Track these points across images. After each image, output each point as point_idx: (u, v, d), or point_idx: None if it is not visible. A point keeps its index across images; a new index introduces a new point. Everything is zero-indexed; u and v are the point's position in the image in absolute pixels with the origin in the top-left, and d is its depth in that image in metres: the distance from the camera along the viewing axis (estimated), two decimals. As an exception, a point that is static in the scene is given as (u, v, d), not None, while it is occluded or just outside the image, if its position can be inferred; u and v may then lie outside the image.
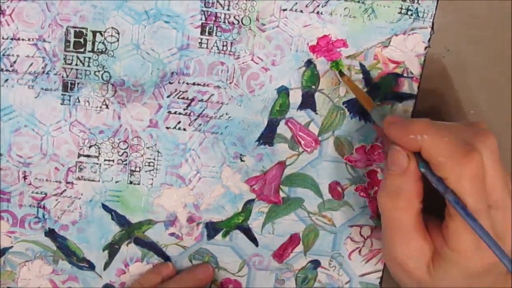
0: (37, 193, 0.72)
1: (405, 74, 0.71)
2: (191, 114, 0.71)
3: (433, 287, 0.63)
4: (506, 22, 0.72)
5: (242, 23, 0.69)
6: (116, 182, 0.72)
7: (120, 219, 0.73)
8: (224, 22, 0.69)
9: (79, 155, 0.71)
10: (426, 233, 0.63)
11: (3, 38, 0.68)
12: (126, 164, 0.72)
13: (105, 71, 0.70)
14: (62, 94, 0.70)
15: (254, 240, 0.75)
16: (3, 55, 0.69)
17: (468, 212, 0.57)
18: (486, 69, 0.73)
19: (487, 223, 0.58)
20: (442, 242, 0.62)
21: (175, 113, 0.71)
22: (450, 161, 0.56)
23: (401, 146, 0.59)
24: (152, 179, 0.72)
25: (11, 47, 0.68)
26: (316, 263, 0.76)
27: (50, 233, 0.73)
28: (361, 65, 0.71)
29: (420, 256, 0.63)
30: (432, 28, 0.70)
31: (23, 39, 0.69)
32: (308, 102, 0.72)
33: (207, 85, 0.71)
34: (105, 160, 0.71)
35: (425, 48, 0.70)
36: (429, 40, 0.70)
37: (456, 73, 0.72)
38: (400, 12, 0.69)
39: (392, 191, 0.60)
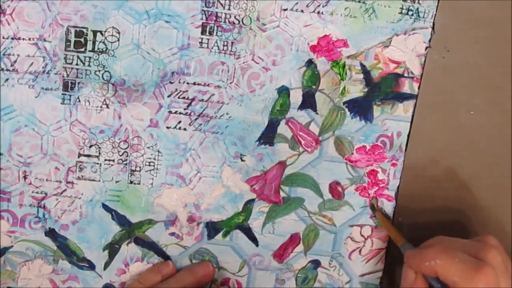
0: (37, 192, 0.72)
1: (405, 74, 0.71)
2: (192, 114, 0.71)
3: None
4: (506, 22, 0.72)
5: (242, 23, 0.69)
6: (117, 181, 0.72)
7: (120, 219, 0.73)
8: (225, 22, 0.69)
9: (80, 155, 0.71)
10: None
11: (3, 38, 0.68)
12: (126, 164, 0.72)
13: (105, 71, 0.69)
14: (62, 94, 0.70)
15: (254, 240, 0.75)
16: (4, 54, 0.68)
17: None
18: (486, 69, 0.72)
19: None
20: None
21: (175, 112, 0.71)
22: (463, 280, 0.61)
23: (421, 273, 0.66)
24: (153, 178, 0.72)
25: (11, 47, 0.68)
26: (316, 263, 0.76)
27: (50, 233, 0.73)
28: (362, 65, 0.71)
29: None
30: (433, 28, 0.70)
31: (23, 39, 0.68)
32: (308, 102, 0.72)
33: (208, 85, 0.70)
34: (105, 159, 0.71)
35: (426, 48, 0.70)
36: (429, 40, 0.70)
37: (456, 73, 0.72)
38: (401, 12, 0.69)
39: None
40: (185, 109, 0.70)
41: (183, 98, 0.70)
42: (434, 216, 0.75)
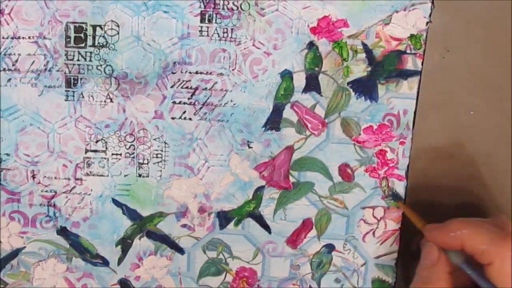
0: (46, 191, 0.72)
1: (408, 51, 0.70)
2: (196, 103, 0.71)
3: None
4: (506, 22, 0.71)
5: (241, 8, 0.69)
6: (125, 175, 0.72)
7: (131, 213, 0.73)
8: (223, 8, 0.69)
9: (87, 151, 0.71)
10: None
11: (3, 38, 0.68)
12: (134, 157, 0.71)
13: (107, 65, 0.69)
14: (65, 91, 0.70)
15: (266, 227, 0.75)
16: (4, 54, 0.68)
17: None
18: (486, 69, 0.72)
19: None
20: None
21: (179, 103, 0.71)
22: (493, 246, 0.61)
23: (443, 247, 0.65)
24: (161, 170, 0.72)
25: (11, 46, 0.69)
26: (330, 247, 0.76)
27: (62, 231, 0.73)
28: (364, 44, 0.70)
29: None
30: (433, 2, 0.69)
31: (23, 38, 0.69)
32: (312, 85, 0.72)
33: (210, 73, 0.70)
34: (112, 154, 0.71)
35: (427, 23, 0.70)
36: (430, 15, 0.70)
37: (456, 73, 0.71)
38: (399, -12, 0.69)
39: (424, 281, 0.66)
40: (189, 98, 0.70)
41: (187, 87, 0.70)
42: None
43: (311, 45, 0.70)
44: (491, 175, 0.74)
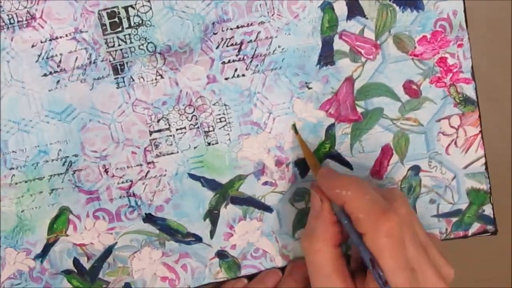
0: (123, 182, 0.72)
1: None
2: (245, 57, 0.70)
3: None
4: (506, 22, 0.71)
5: (265, -50, 0.68)
6: (195, 148, 0.71)
7: (210, 184, 0.72)
8: (248, -44, 0.68)
9: (151, 133, 0.71)
10: (348, 277, 0.63)
11: (41, 42, 0.68)
12: (198, 127, 0.71)
13: (148, 43, 0.69)
14: (115, 78, 0.69)
15: (347, 164, 0.73)
16: (47, 58, 0.68)
17: (376, 269, 0.59)
18: (486, 69, 0.72)
19: (406, 282, 0.58)
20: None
21: (229, 62, 0.70)
22: (368, 218, 0.58)
23: (329, 198, 0.62)
24: (228, 134, 0.71)
25: (52, 48, 0.69)
26: (416, 169, 0.74)
27: (148, 218, 0.73)
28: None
29: None
30: None
31: (61, 37, 0.69)
32: (354, 10, 0.70)
33: (251, 24, 0.70)
34: (177, 129, 0.71)
35: None
36: None
37: None
38: None
39: (308, 233, 0.63)
40: (237, 55, 0.70)
41: (232, 44, 0.69)
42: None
43: (344, -30, 0.69)
44: None
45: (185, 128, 0.71)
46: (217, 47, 0.70)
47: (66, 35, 0.68)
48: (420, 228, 0.63)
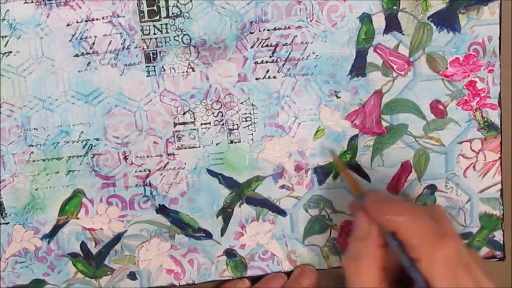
0: (140, 171, 0.71)
1: (487, -25, 0.68)
2: (278, 60, 0.69)
3: None
4: (506, 22, 0.70)
5: (311, -44, 0.67)
6: (217, 144, 0.71)
7: (227, 181, 0.72)
8: (293, -41, 0.67)
9: (175, 124, 0.70)
10: None
11: (76, 22, 0.67)
12: (223, 124, 0.70)
13: (184, 34, 0.68)
14: (146, 66, 0.69)
15: (365, 176, 0.73)
16: (81, 39, 0.67)
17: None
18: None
19: None
20: None
21: (261, 62, 0.69)
22: (424, 245, 0.58)
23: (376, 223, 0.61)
24: (252, 134, 0.71)
25: (87, 29, 0.68)
26: (432, 188, 0.74)
27: (161, 210, 0.72)
28: (440, -25, 0.68)
29: None
30: None
31: (97, 19, 0.68)
32: (392, 25, 0.70)
33: (288, 27, 0.69)
34: (201, 124, 0.70)
35: None
36: None
37: None
38: None
39: (354, 256, 0.62)
40: (270, 56, 0.69)
41: (267, 46, 0.69)
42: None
43: (386, -16, 0.68)
44: None
45: (209, 123, 0.70)
46: (251, 47, 0.69)
47: (103, 18, 0.67)
48: (463, 246, 0.61)
